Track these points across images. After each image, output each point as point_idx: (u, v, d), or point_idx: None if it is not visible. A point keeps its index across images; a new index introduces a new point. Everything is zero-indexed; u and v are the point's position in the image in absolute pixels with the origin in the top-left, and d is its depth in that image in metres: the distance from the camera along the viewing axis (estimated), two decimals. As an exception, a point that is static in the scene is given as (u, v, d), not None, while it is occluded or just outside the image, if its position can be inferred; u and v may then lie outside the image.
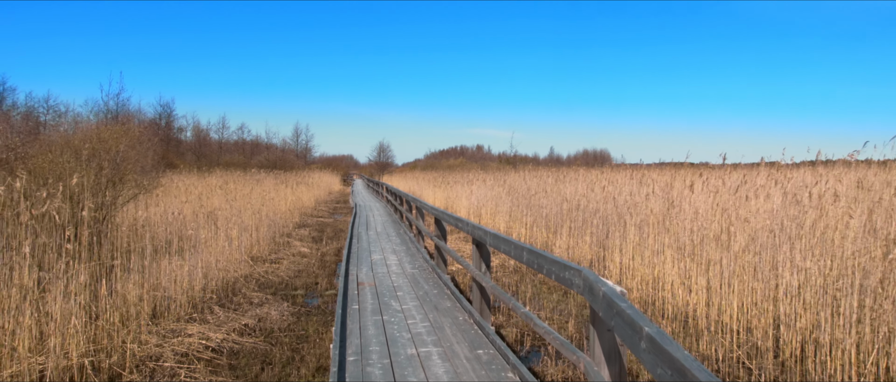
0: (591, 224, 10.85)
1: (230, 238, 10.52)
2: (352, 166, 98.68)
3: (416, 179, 41.12)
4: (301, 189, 24.33)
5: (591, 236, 10.82)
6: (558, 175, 16.65)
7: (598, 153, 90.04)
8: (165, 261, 8.28)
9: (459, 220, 7.38)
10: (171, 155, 44.66)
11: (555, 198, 13.80)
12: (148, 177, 19.26)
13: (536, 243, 13.00)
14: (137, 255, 7.68)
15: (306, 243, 13.96)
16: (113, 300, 6.31)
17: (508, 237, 5.04)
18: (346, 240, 12.38)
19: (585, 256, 10.61)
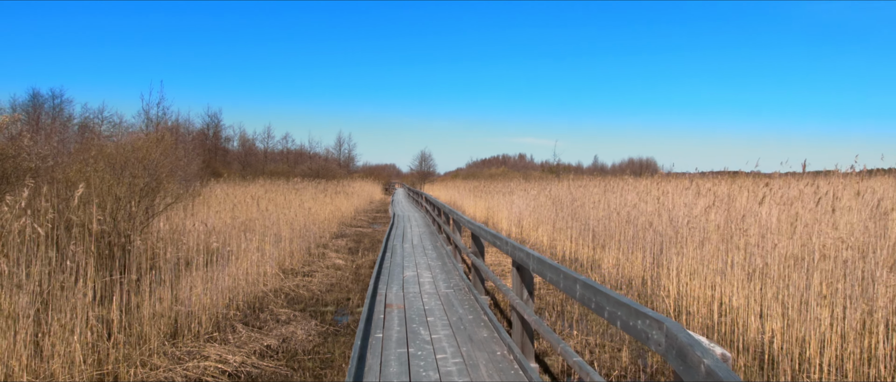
0: (644, 239, 10.02)
1: (262, 250, 10.15)
2: (394, 174, 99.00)
3: (456, 188, 40.58)
4: (340, 199, 24.09)
5: (643, 253, 10.00)
6: (606, 184, 15.79)
7: (644, 162, 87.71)
8: (190, 275, 7.92)
9: (498, 237, 6.68)
10: (217, 164, 45.45)
11: (602, 209, 12.99)
12: (186, 186, 19.33)
13: (582, 258, 12.22)
14: (161, 268, 7.34)
15: (342, 254, 13.54)
16: (127, 318, 5.93)
17: (557, 264, 4.27)
18: (379, 253, 11.85)
19: (637, 274, 9.79)
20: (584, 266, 11.58)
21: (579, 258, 12.33)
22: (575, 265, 11.80)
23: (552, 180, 30.08)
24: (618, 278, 9.93)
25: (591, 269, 11.07)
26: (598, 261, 11.54)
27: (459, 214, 10.58)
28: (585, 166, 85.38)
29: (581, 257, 12.36)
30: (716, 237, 7.81)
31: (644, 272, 9.77)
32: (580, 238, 12.84)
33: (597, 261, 11.54)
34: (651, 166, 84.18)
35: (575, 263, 12.00)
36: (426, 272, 9.98)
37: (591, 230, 12.49)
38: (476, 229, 8.18)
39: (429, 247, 13.33)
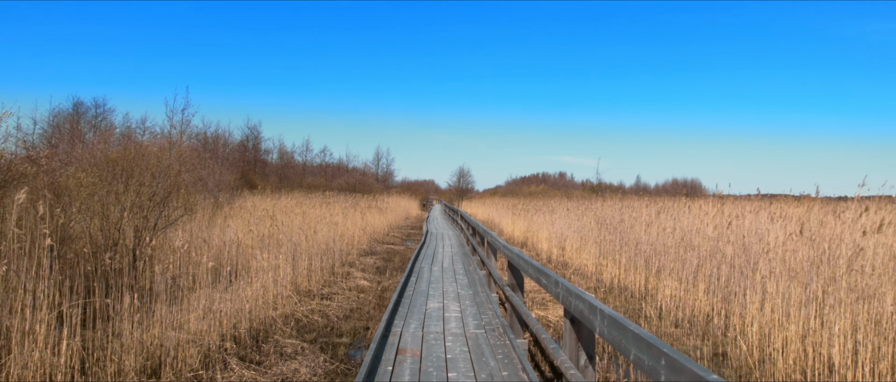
0: (710, 270, 8.69)
1: (277, 269, 9.23)
2: (432, 190, 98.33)
3: (495, 205, 39.38)
4: (372, 214, 23.23)
5: (706, 284, 8.67)
6: (658, 205, 14.40)
7: (689, 182, 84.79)
8: (192, 297, 7.02)
9: (544, 272, 5.07)
10: (254, 176, 45.51)
11: (655, 233, 11.66)
12: (215, 197, 18.75)
13: (632, 287, 10.90)
14: (158, 288, 6.45)
15: (368, 274, 12.56)
16: (104, 351, 5.02)
17: (641, 330, 2.66)
18: (402, 277, 10.43)
19: (701, 308, 8.46)
20: (635, 296, 10.28)
21: (629, 287, 11.02)
22: (625, 294, 10.50)
23: (594, 199, 28.63)
24: (677, 312, 8.61)
25: (645, 300, 9.76)
26: (651, 291, 10.21)
27: (495, 236, 9.02)
28: (628, 185, 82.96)
29: (631, 285, 11.04)
30: (800, 269, 6.47)
31: (709, 306, 8.43)
32: (630, 265, 11.52)
33: (650, 291, 10.21)
34: (696, 186, 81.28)
35: (625, 292, 10.70)
36: (454, 303, 8.34)
37: (642, 256, 11.17)
38: (514, 258, 6.68)
39: (460, 271, 11.82)
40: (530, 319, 5.64)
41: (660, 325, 8.10)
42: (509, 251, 7.10)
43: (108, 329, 5.61)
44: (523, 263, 6.09)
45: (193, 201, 11.54)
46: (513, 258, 6.82)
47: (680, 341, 7.35)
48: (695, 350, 6.94)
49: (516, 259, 6.50)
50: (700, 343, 7.19)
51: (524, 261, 6.05)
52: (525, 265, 5.97)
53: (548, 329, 7.98)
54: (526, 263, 5.93)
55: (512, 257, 6.90)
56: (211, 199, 17.87)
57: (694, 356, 6.77)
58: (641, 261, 11.12)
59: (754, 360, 6.23)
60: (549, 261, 15.62)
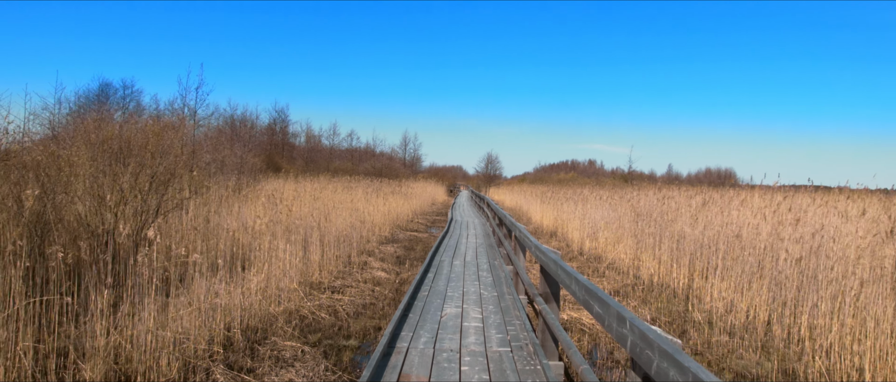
0: (768, 270, 7.64)
1: (283, 257, 8.47)
2: (460, 176, 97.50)
3: (523, 192, 38.32)
4: (395, 200, 22.44)
5: (765, 288, 7.61)
6: (704, 196, 13.24)
7: (723, 172, 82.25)
8: (183, 290, 6.29)
9: (592, 292, 3.45)
10: (280, 159, 45.22)
11: (701, 226, 10.58)
12: (237, 180, 18.17)
13: (676, 286, 9.87)
14: (144, 281, 5.73)
15: (387, 264, 11.76)
16: (69, 358, 4.29)
17: None
18: (418, 273, 9.13)
19: (758, 315, 7.42)
20: (678, 296, 9.26)
21: (670, 285, 9.99)
22: (666, 293, 9.48)
23: (627, 187, 27.41)
24: (728, 318, 7.58)
25: (689, 301, 8.74)
26: (697, 291, 9.17)
27: (524, 231, 7.48)
28: (659, 174, 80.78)
29: (672, 283, 10.01)
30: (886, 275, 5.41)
31: (766, 313, 7.39)
32: (672, 261, 10.46)
33: (697, 292, 9.17)
34: (730, 176, 78.84)
35: (666, 290, 9.68)
36: (475, 308, 6.88)
37: (687, 252, 10.11)
38: (549, 265, 5.14)
39: (484, 267, 10.46)
40: (568, 345, 4.38)
41: (710, 333, 7.10)
42: (543, 255, 5.55)
43: (82, 330, 4.91)
44: (563, 274, 4.47)
45: (202, 183, 10.87)
46: (547, 265, 5.32)
47: (736, 354, 6.35)
48: (757, 367, 5.95)
49: (552, 267, 4.98)
50: (761, 358, 6.19)
51: (565, 272, 4.39)
52: (566, 277, 4.33)
53: (582, 336, 7.05)
54: (568, 275, 4.26)
55: (546, 262, 5.42)
56: (232, 181, 17.31)
57: (757, 375, 5.78)
58: (686, 258, 10.06)
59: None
60: (580, 253, 14.62)
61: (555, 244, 16.81)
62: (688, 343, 6.76)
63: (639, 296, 9.42)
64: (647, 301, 9.01)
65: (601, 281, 10.82)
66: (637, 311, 8.20)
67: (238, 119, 51.09)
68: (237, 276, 8.02)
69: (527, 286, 6.56)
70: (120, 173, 8.30)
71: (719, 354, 6.35)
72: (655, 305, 8.64)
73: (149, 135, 8.48)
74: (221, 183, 16.07)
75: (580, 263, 13.28)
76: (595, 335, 7.10)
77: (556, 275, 4.72)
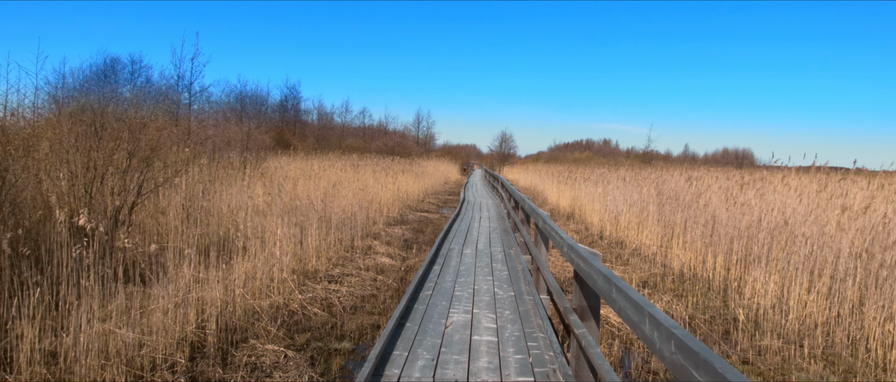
0: (820, 262, 6.66)
1: (274, 243, 7.64)
2: (473, 155, 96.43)
3: (538, 172, 37.26)
4: (406, 179, 21.55)
5: (821, 284, 6.64)
6: (739, 178, 12.18)
7: (740, 153, 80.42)
8: (158, 282, 5.50)
9: (663, 324, 2.12)
10: (291, 136, 44.49)
11: (737, 211, 9.58)
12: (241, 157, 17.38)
13: (710, 277, 8.91)
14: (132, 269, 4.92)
15: (393, 248, 10.91)
16: None
17: None
18: (422, 266, 7.65)
19: (815, 316, 6.46)
20: (712, 289, 8.32)
21: (704, 275, 9.04)
22: (699, 284, 8.54)
23: (646, 168, 26.32)
24: (779, 319, 6.64)
25: (727, 294, 7.81)
26: (733, 282, 8.22)
27: (547, 219, 6.09)
28: (675, 154, 79.07)
29: (707, 273, 9.05)
30: None
31: (827, 311, 6.42)
32: (704, 249, 9.49)
33: (732, 282, 8.21)
34: (748, 157, 77.03)
35: (699, 281, 8.73)
36: (487, 315, 5.47)
37: (721, 240, 9.13)
38: (590, 273, 3.45)
39: (498, 257, 9.00)
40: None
41: (758, 336, 6.17)
42: (580, 258, 3.80)
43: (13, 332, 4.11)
44: (608, 285, 2.98)
45: (191, 160, 10.05)
46: (589, 274, 3.47)
47: (795, 364, 5.42)
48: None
49: (592, 275, 3.36)
50: (826, 372, 5.25)
51: (611, 283, 2.90)
52: (614, 292, 2.82)
53: (611, 341, 6.14)
54: (617, 289, 2.77)
55: (583, 267, 3.69)
56: (236, 159, 16.53)
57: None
58: (721, 246, 9.08)
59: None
60: (600, 237, 13.68)
61: (572, 226, 15.87)
62: (735, 349, 5.84)
63: (670, 288, 8.49)
64: (680, 295, 8.08)
65: (626, 270, 9.89)
66: (671, 307, 7.27)
67: (249, 95, 50.36)
68: (224, 263, 7.22)
69: (551, 287, 5.40)
70: (93, 149, 7.49)
71: (774, 363, 5.43)
72: (691, 299, 7.70)
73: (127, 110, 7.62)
74: (223, 161, 15.29)
75: (602, 248, 12.34)
76: (626, 338, 6.19)
77: (597, 286, 3.25)
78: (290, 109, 57.42)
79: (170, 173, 8.75)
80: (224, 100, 48.30)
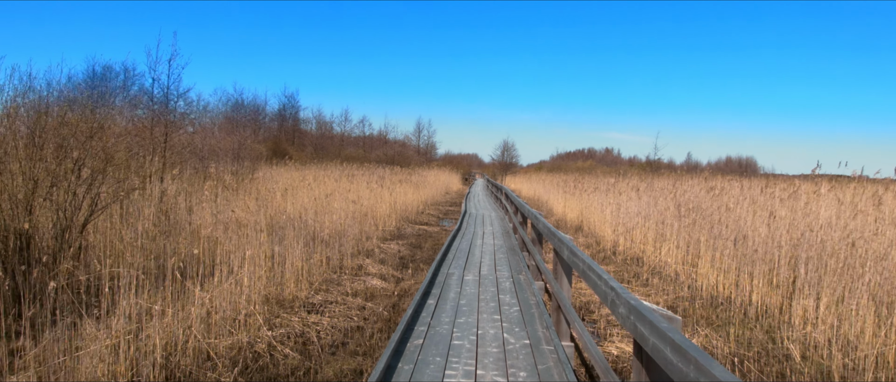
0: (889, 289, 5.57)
1: (248, 265, 6.55)
2: (475, 164, 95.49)
3: (541, 181, 36.19)
4: (404, 189, 20.48)
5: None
6: (773, 189, 11.08)
7: (744, 161, 79.49)
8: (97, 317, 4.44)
9: None
10: (288, 146, 43.51)
11: (772, 225, 8.49)
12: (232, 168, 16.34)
13: (745, 302, 7.80)
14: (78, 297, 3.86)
15: (387, 267, 9.83)
16: None
17: None
18: (414, 300, 6.19)
19: (889, 356, 5.35)
20: (749, 316, 7.20)
21: (739, 300, 7.93)
22: (736, 311, 7.42)
23: (658, 177, 25.24)
24: (842, 358, 5.53)
25: (776, 327, 6.70)
26: (774, 309, 7.11)
27: (574, 247, 4.61)
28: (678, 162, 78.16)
29: (742, 298, 7.95)
30: None
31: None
32: (740, 270, 8.38)
33: (773, 309, 7.10)
34: (751, 165, 76.09)
35: (735, 307, 7.62)
36: (497, 378, 4.14)
37: (759, 260, 8.02)
38: (660, 347, 2.25)
39: (506, 287, 7.47)
40: None
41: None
42: (659, 337, 2.29)
43: None
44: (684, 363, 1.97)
45: (157, 172, 8.99)
46: (681, 370, 2.03)
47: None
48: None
49: (662, 349, 2.21)
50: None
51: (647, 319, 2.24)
52: None
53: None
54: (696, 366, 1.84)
55: (643, 333, 2.50)
56: (226, 169, 15.50)
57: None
58: (759, 266, 7.97)
59: None
60: (614, 253, 12.58)
61: (582, 240, 14.76)
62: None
63: (702, 315, 7.38)
64: (715, 324, 6.97)
65: (648, 292, 8.79)
66: (709, 341, 6.17)
67: (247, 104, 49.49)
68: (184, 291, 6.15)
69: (579, 331, 4.08)
70: (35, 158, 6.43)
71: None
72: (730, 331, 6.59)
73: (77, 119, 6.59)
74: (205, 171, 14.26)
75: (616, 265, 11.24)
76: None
77: (670, 365, 2.06)
78: (289, 117, 56.54)
79: (129, 186, 7.69)
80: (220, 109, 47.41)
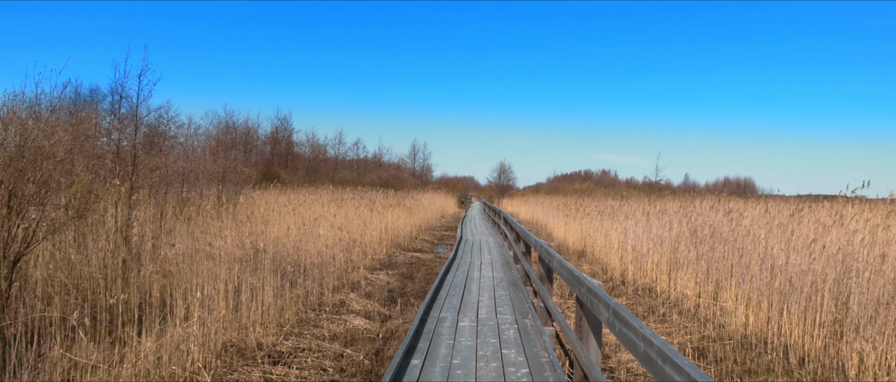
0: None
1: (205, 305, 5.50)
2: (471, 187, 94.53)
3: (539, 204, 35.23)
4: (395, 213, 19.45)
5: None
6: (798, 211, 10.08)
7: (742, 182, 78.91)
8: None
9: None
10: (280, 169, 42.54)
11: (812, 253, 7.49)
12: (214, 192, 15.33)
13: (796, 349, 6.76)
14: None
15: (374, 302, 8.77)
16: None
17: None
18: (393, 363, 4.82)
19: None
20: (793, 365, 6.16)
21: (779, 342, 6.89)
22: (776, 356, 6.38)
23: (660, 199, 24.31)
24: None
25: (819, 370, 5.66)
26: (818, 352, 6.08)
27: (612, 300, 3.44)
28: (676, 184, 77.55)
29: (783, 340, 6.91)
30: None
31: None
32: (772, 305, 7.34)
33: (817, 352, 6.06)
34: (750, 186, 75.52)
35: (772, 350, 6.58)
36: None
37: (797, 293, 7.00)
38: None
39: (510, 337, 6.09)
40: None
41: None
42: None
43: None
44: None
45: (108, 197, 7.96)
46: None
47: None
48: None
49: None
50: None
51: None
52: None
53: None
54: None
55: None
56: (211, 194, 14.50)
57: None
58: (796, 301, 6.94)
59: None
60: (623, 283, 11.54)
61: (586, 267, 13.73)
62: None
63: (737, 360, 6.34)
64: (752, 371, 5.93)
65: (668, 330, 7.75)
66: None
67: (239, 126, 48.69)
68: (131, 340, 5.12)
69: None
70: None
71: None
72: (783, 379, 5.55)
73: None
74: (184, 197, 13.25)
75: (628, 297, 10.21)
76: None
77: None
78: (282, 140, 55.68)
79: (75, 213, 6.66)
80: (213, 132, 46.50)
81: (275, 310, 6.82)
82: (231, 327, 6.11)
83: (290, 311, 7.29)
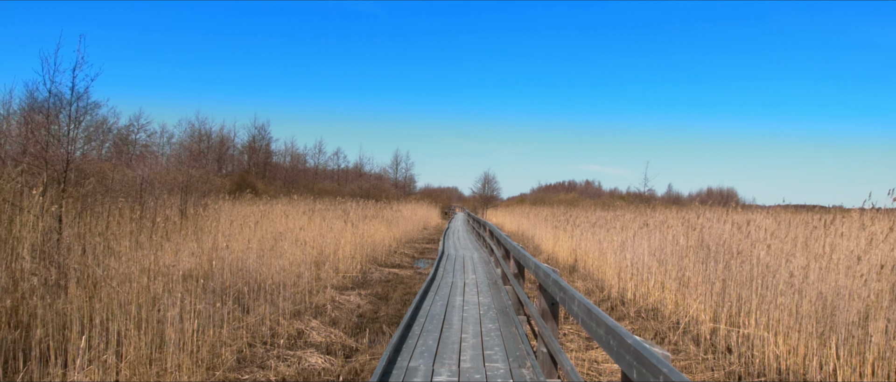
0: None
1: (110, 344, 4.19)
2: (455, 197, 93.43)
3: (525, 215, 34.07)
4: (374, 226, 18.14)
5: None
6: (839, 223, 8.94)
7: (724, 192, 78.82)
8: None
9: None
10: (256, 179, 40.96)
11: (850, 271, 6.37)
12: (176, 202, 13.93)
13: (811, 375, 5.60)
14: None
15: (339, 330, 7.48)
16: None
17: None
18: None
19: None
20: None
21: (811, 375, 5.73)
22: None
23: (651, 210, 23.34)
24: None
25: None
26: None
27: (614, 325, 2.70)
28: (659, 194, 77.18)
29: (824, 378, 5.75)
30: None
31: None
32: (803, 333, 6.18)
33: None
34: (732, 196, 75.36)
35: None
36: None
37: (840, 321, 5.85)
38: None
39: None
40: None
41: None
42: None
43: None
44: None
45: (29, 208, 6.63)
46: None
47: None
48: None
49: None
50: None
51: None
52: None
53: None
54: None
55: None
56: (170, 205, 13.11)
57: None
58: (840, 329, 5.79)
59: None
60: (622, 303, 10.37)
61: (580, 285, 12.54)
62: None
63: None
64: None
65: (684, 363, 6.57)
66: None
67: (213, 135, 47.10)
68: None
69: None
70: None
71: None
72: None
73: None
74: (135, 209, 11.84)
75: (631, 320, 9.04)
76: None
77: None
78: (259, 150, 54.07)
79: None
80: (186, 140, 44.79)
81: (207, 346, 5.50)
82: (150, 370, 4.80)
83: (231, 346, 5.98)
